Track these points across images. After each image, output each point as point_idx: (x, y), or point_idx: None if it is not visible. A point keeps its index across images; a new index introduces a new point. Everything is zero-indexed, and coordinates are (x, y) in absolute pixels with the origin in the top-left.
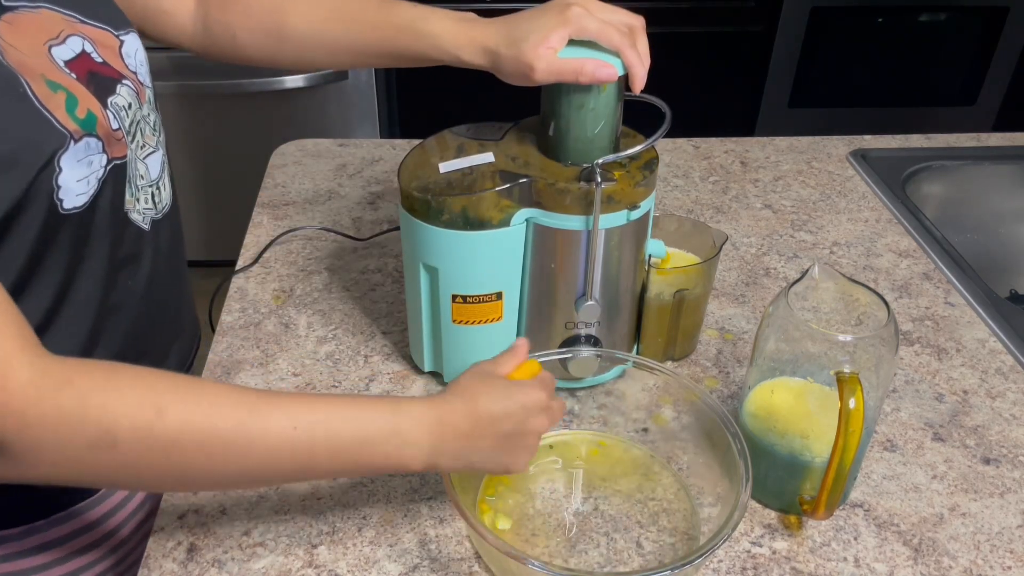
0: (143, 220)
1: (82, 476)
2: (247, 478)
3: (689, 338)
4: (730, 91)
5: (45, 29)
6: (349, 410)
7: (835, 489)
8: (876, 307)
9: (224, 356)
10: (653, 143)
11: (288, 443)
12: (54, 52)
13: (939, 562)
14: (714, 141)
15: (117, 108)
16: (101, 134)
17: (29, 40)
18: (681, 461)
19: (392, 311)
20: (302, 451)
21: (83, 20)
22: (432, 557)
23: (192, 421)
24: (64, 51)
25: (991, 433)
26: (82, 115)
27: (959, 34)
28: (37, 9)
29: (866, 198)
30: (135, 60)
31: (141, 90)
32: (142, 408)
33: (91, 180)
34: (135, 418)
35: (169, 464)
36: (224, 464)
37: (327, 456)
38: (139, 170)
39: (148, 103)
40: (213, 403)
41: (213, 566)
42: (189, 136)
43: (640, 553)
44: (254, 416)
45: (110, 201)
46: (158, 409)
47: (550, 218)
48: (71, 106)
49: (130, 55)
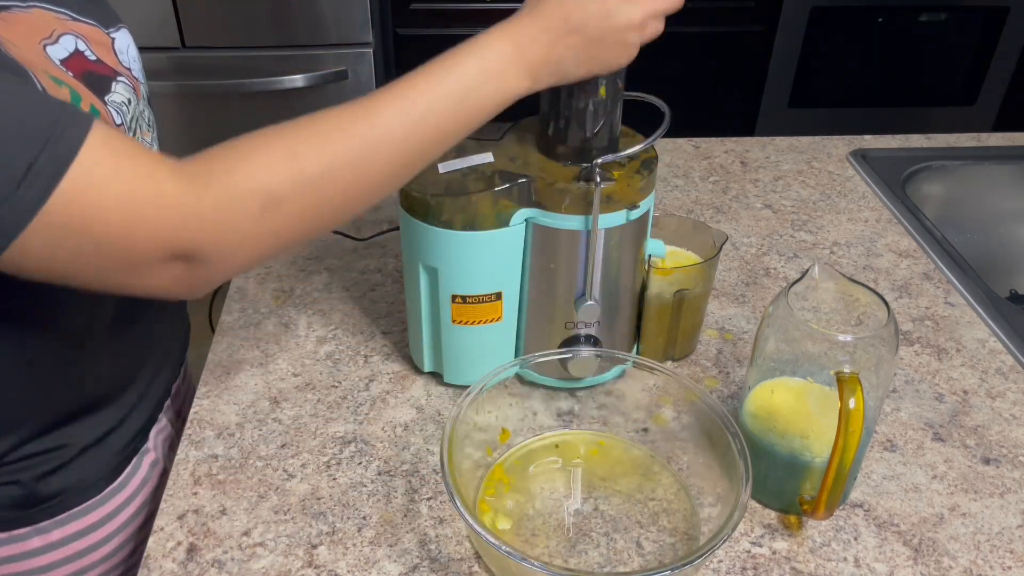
0: None
1: (268, 246)
2: (391, 175)
3: (689, 338)
4: (730, 91)
5: (38, 29)
6: (443, 83)
7: (835, 489)
8: (876, 307)
9: (224, 356)
10: (653, 143)
11: (412, 133)
12: (49, 51)
13: (939, 562)
14: (714, 141)
15: (116, 105)
16: None
17: (24, 40)
18: (681, 461)
19: (392, 311)
20: (428, 133)
21: (74, 18)
22: (432, 557)
23: (324, 150)
24: (58, 50)
25: (991, 433)
26: (86, 109)
27: (959, 34)
28: (29, 9)
29: (866, 198)
30: (128, 56)
31: (137, 85)
32: (282, 160)
33: None
34: (280, 170)
35: (325, 194)
36: (368, 174)
37: (452, 123)
38: None
39: (143, 99)
40: (331, 129)
41: (213, 566)
42: (189, 136)
43: (640, 553)
44: (372, 127)
45: None
46: (292, 153)
47: (549, 218)
48: (76, 101)
49: (123, 51)
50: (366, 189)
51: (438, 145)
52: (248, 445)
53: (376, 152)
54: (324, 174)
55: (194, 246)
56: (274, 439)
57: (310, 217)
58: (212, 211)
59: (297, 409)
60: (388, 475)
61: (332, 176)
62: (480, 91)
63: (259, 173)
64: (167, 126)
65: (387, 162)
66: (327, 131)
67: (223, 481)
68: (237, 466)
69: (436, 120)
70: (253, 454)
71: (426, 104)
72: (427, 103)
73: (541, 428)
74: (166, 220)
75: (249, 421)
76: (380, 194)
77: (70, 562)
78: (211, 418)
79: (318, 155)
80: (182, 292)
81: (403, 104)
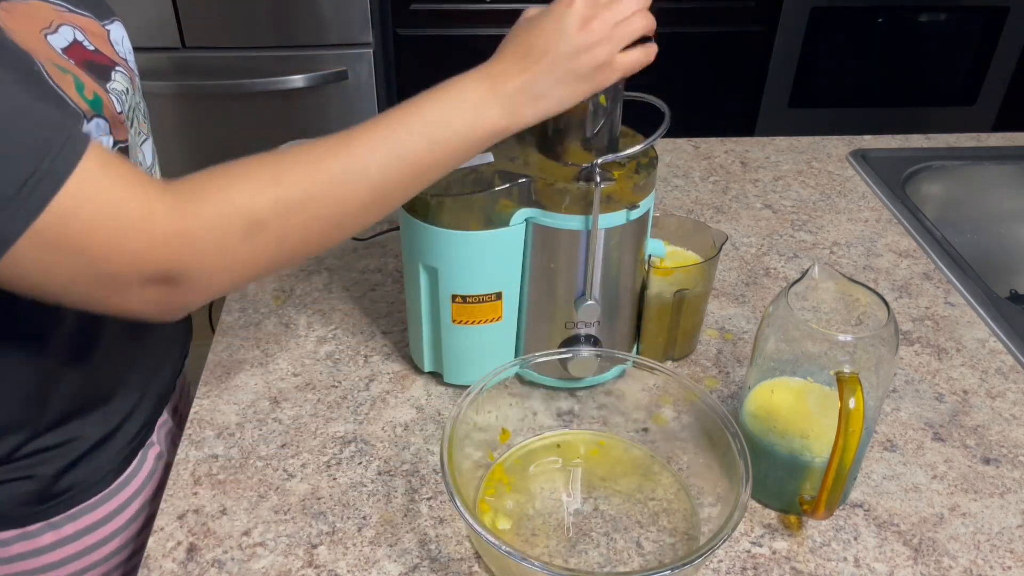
0: None
1: (248, 270)
2: (371, 203)
3: (689, 338)
4: (730, 91)
5: (38, 18)
6: (418, 115)
7: (835, 489)
8: (876, 307)
9: (224, 356)
10: (653, 143)
11: (388, 164)
12: (51, 40)
13: (939, 562)
14: (714, 141)
15: (117, 93)
16: (108, 116)
17: (26, 29)
18: (681, 461)
19: (392, 311)
20: (404, 165)
21: (71, 9)
22: (432, 557)
23: (306, 178)
24: (59, 40)
25: (991, 433)
26: (90, 96)
27: (959, 34)
28: (27, 0)
29: (866, 198)
30: (123, 47)
31: (132, 76)
32: (265, 186)
33: None
34: (263, 195)
35: (306, 221)
36: (348, 202)
37: (427, 155)
38: (137, 157)
39: (138, 90)
40: (313, 159)
41: (213, 566)
42: (189, 136)
43: (640, 553)
44: (352, 157)
45: None
46: (276, 180)
47: (549, 218)
48: (80, 88)
49: (118, 42)
50: (346, 218)
51: (417, 178)
52: (248, 445)
53: (355, 181)
54: (305, 201)
55: (177, 266)
56: (274, 439)
57: (290, 243)
58: (197, 231)
59: (297, 409)
60: (388, 475)
61: (313, 203)
62: (454, 123)
63: (243, 197)
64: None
65: (366, 191)
66: (309, 160)
67: (223, 481)
68: (237, 466)
69: (412, 152)
70: (253, 454)
71: (401, 136)
72: (402, 135)
73: (541, 428)
74: (152, 238)
75: (249, 421)
76: (360, 223)
77: (80, 557)
78: (211, 418)
79: (300, 182)
80: (160, 314)
81: (380, 135)
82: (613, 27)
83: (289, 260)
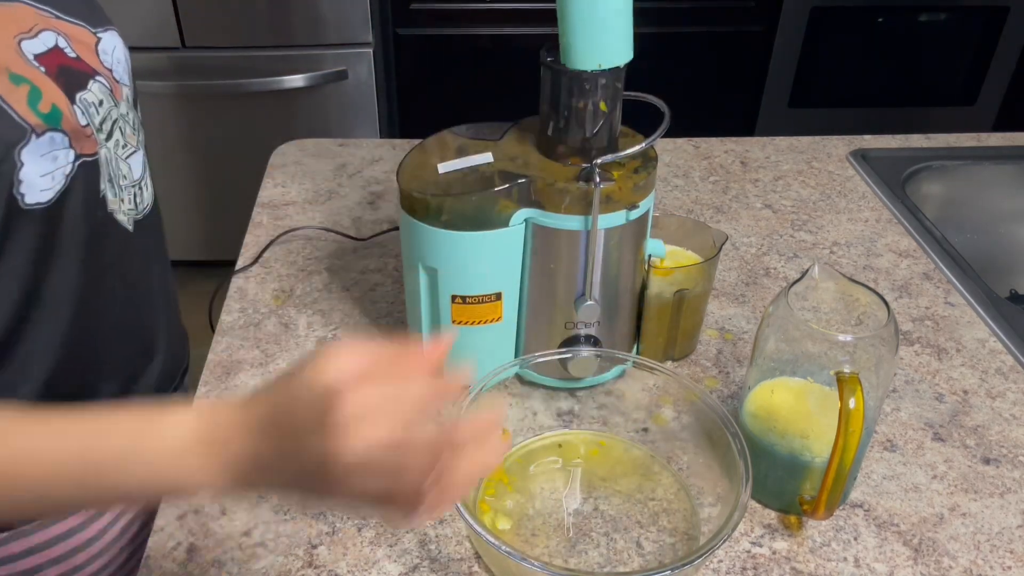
0: (127, 221)
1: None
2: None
3: (689, 338)
4: (730, 91)
5: (16, 23)
6: (105, 488)
7: (835, 489)
8: (876, 307)
9: (224, 356)
10: (653, 143)
11: (7, 475)
12: (24, 45)
13: (939, 562)
14: (714, 141)
15: (86, 104)
16: (67, 129)
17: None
18: (681, 461)
19: (392, 311)
20: (30, 484)
21: (59, 16)
22: (432, 557)
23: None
24: (35, 45)
25: (991, 433)
26: (46, 109)
27: (959, 34)
28: (11, 3)
29: (866, 198)
30: (111, 58)
31: (116, 87)
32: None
33: (56, 175)
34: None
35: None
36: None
37: (72, 490)
38: (122, 170)
39: (126, 101)
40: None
41: (213, 566)
42: (189, 136)
43: (640, 553)
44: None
45: (82, 199)
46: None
47: (549, 218)
48: (34, 100)
49: (107, 52)
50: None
51: (45, 505)
52: None
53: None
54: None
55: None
56: None
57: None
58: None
59: None
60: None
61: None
62: (147, 491)
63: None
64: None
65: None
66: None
67: None
68: None
69: (64, 502)
70: None
71: (71, 492)
72: (72, 491)
73: (541, 428)
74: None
75: None
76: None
77: (56, 564)
78: None
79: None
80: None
81: (11, 437)
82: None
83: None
